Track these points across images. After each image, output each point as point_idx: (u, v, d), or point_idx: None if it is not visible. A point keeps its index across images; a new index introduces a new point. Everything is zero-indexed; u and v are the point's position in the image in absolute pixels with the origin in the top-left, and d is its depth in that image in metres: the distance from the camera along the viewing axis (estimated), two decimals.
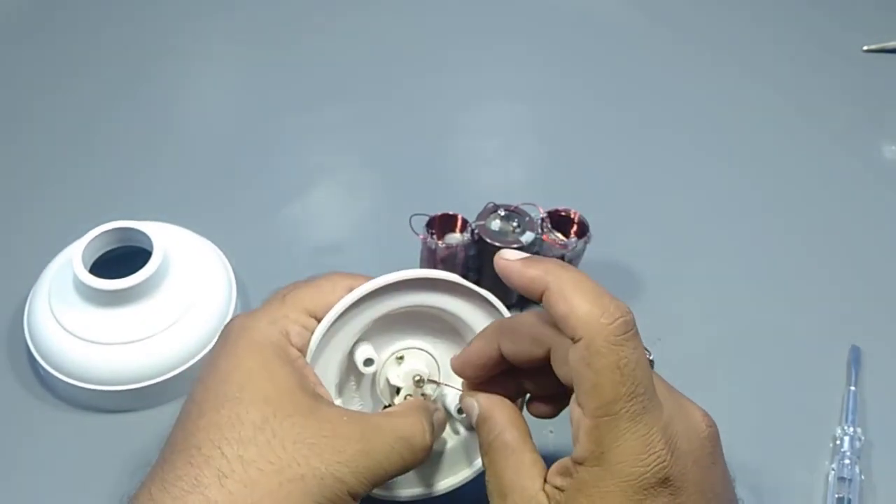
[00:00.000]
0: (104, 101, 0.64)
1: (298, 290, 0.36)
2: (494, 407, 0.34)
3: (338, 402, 0.37)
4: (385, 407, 0.38)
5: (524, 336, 0.33)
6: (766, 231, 0.57)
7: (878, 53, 0.74)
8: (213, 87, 0.69)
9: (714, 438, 0.31)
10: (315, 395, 0.33)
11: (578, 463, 0.30)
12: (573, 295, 0.30)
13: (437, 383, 0.38)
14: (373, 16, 0.75)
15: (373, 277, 0.36)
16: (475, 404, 0.35)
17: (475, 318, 0.38)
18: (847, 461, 0.43)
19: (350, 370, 0.37)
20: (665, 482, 0.29)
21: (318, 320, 0.35)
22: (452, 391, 0.38)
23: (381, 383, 0.38)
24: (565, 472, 0.31)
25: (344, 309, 0.35)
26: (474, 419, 0.35)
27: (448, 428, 0.39)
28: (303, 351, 0.35)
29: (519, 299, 0.50)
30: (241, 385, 0.32)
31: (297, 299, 0.35)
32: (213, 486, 0.29)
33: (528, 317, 0.34)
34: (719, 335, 0.50)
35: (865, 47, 0.74)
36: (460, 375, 0.36)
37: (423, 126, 0.64)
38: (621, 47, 0.74)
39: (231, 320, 0.35)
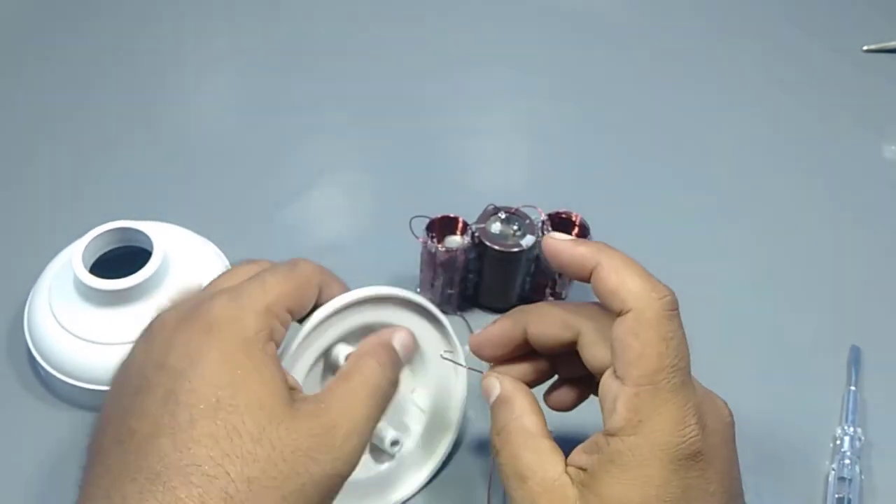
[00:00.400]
0: (103, 101, 0.64)
1: (279, 282, 0.33)
2: (517, 391, 0.35)
3: None
4: None
5: (554, 319, 0.34)
6: (766, 231, 0.57)
7: (878, 53, 0.74)
8: (213, 87, 0.69)
9: (734, 427, 0.33)
10: (294, 393, 0.32)
11: (612, 434, 0.30)
12: (624, 271, 0.32)
13: (454, 361, 0.38)
14: (372, 17, 0.75)
15: (337, 278, 0.36)
16: (497, 385, 0.35)
17: (427, 339, 0.39)
18: (847, 461, 0.43)
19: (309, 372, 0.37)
20: (697, 455, 0.30)
21: (294, 317, 0.34)
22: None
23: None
24: (592, 450, 0.31)
25: (322, 319, 0.35)
26: (492, 399, 0.35)
27: (370, 458, 0.39)
28: (279, 346, 0.33)
29: (518, 301, 0.50)
30: (235, 390, 0.29)
31: (280, 294, 0.33)
32: None
33: (556, 303, 0.36)
34: (719, 335, 0.50)
35: (865, 47, 0.74)
36: (477, 354, 0.37)
37: (423, 127, 0.64)
38: (621, 48, 0.74)
39: (211, 303, 0.32)
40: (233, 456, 0.28)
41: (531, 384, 0.37)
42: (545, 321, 0.35)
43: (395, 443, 0.38)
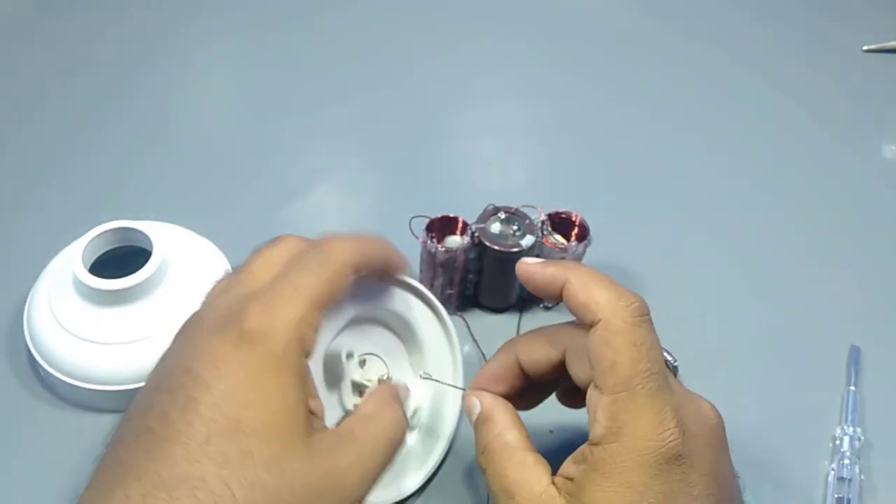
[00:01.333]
0: (104, 101, 0.64)
1: (311, 283, 0.32)
2: (496, 407, 0.35)
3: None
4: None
5: (541, 343, 0.35)
6: (767, 231, 0.57)
7: (878, 53, 0.74)
8: (213, 87, 0.69)
9: (722, 429, 0.33)
10: (315, 421, 0.31)
11: (595, 444, 0.31)
12: (592, 284, 0.32)
13: (435, 379, 0.38)
14: (373, 16, 0.75)
15: (377, 245, 0.36)
16: (477, 403, 0.36)
17: (428, 333, 0.39)
18: (847, 461, 0.43)
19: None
20: (678, 458, 0.30)
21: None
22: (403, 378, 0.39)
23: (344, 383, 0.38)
24: (579, 460, 0.31)
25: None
26: (474, 418, 0.36)
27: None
28: (308, 354, 0.32)
29: (518, 301, 0.50)
30: (256, 411, 0.29)
31: (313, 297, 0.31)
32: None
33: (541, 327, 0.36)
34: (719, 336, 0.50)
35: (865, 47, 0.74)
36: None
37: (423, 126, 0.64)
38: (621, 47, 0.74)
39: (245, 313, 0.31)
40: (242, 479, 0.28)
41: (524, 405, 0.37)
42: (533, 345, 0.35)
43: (415, 412, 0.38)
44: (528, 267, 0.35)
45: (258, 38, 0.73)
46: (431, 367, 0.40)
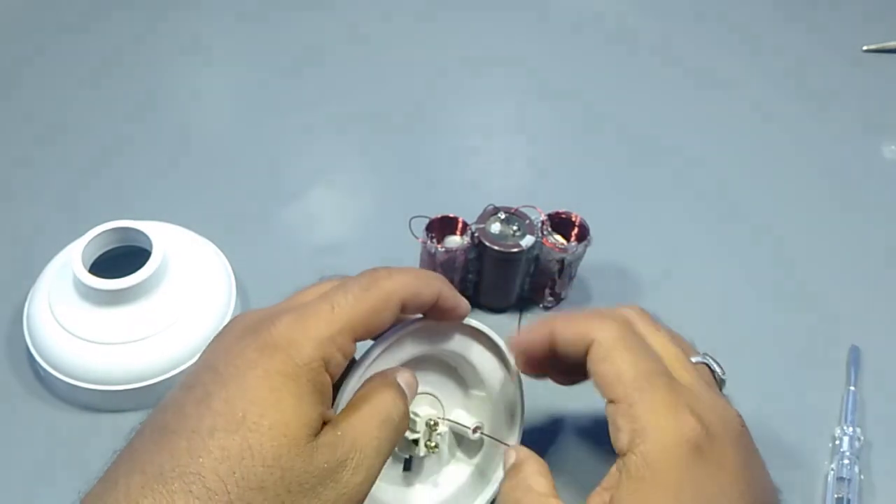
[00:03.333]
0: (104, 101, 0.64)
1: (350, 306, 0.32)
2: (528, 459, 0.37)
3: None
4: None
5: (572, 331, 0.36)
6: (766, 231, 0.57)
7: (878, 53, 0.74)
8: (213, 86, 0.69)
9: (748, 437, 0.34)
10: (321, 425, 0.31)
11: (623, 454, 0.32)
12: (574, 319, 0.35)
13: (486, 435, 0.39)
14: (373, 18, 0.75)
15: (434, 285, 0.34)
16: (514, 454, 0.37)
17: (477, 358, 0.38)
18: (846, 461, 0.43)
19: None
20: (702, 452, 0.31)
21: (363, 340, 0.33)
22: (459, 419, 0.39)
23: None
24: (611, 483, 0.32)
25: (383, 349, 0.35)
26: (508, 466, 0.37)
27: (461, 455, 0.40)
28: (333, 378, 0.32)
29: (518, 300, 0.50)
30: (265, 410, 0.29)
31: (349, 321, 0.31)
32: None
33: (575, 315, 0.37)
34: (719, 336, 0.50)
35: (865, 47, 0.74)
36: (517, 356, 0.39)
37: (423, 127, 0.64)
38: (621, 49, 0.74)
39: (277, 321, 0.31)
40: (238, 476, 0.27)
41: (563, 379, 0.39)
42: (566, 335, 0.36)
43: (477, 428, 0.38)
44: (519, 341, 0.38)
45: (257, 37, 0.73)
46: (490, 412, 0.39)
